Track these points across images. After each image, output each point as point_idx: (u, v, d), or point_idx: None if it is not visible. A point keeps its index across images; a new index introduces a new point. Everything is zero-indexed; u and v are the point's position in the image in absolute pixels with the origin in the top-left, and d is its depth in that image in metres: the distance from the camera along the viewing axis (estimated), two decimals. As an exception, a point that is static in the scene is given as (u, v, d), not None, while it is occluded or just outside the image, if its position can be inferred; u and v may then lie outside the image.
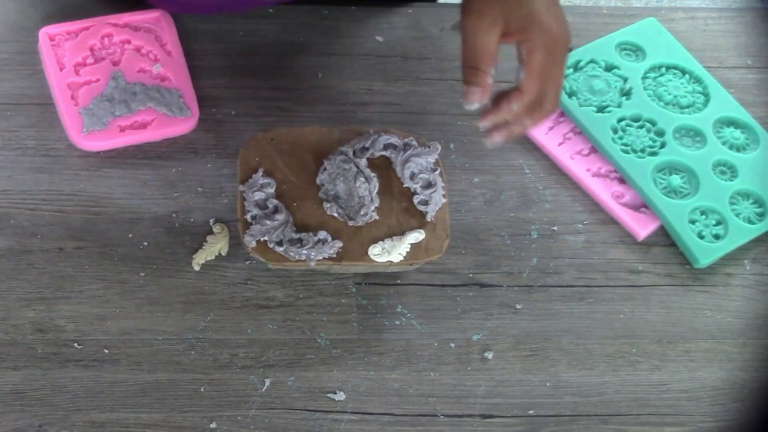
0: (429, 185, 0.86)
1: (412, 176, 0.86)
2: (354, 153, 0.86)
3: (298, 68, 0.98)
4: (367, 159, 0.86)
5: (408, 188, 0.86)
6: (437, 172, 0.87)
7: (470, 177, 0.93)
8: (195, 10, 0.96)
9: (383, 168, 0.87)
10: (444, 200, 0.86)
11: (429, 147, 0.87)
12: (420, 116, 0.96)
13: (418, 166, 0.86)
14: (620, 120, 0.97)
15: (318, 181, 0.85)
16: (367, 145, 0.87)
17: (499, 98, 0.80)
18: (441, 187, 0.86)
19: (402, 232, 0.84)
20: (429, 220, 0.85)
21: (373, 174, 0.85)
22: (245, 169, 0.85)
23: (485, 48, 0.77)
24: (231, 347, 0.82)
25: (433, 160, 0.87)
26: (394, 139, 0.87)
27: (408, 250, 0.83)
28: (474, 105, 0.79)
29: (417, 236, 0.84)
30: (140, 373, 0.80)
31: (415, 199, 0.86)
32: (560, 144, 0.96)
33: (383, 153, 0.87)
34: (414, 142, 0.88)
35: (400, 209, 0.85)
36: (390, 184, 0.86)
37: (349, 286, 0.86)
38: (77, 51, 0.93)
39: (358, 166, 0.85)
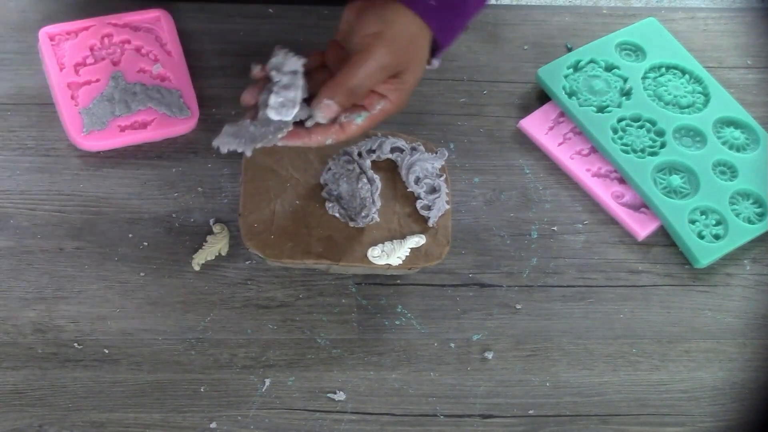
0: (433, 190, 0.86)
1: (417, 180, 0.86)
2: (360, 154, 0.86)
3: (298, 68, 0.98)
4: (374, 161, 0.86)
5: (412, 192, 0.86)
6: (442, 178, 0.87)
7: (470, 177, 0.93)
8: None
9: (389, 171, 0.87)
10: (447, 206, 0.86)
11: (436, 153, 0.88)
12: (420, 116, 0.96)
13: (424, 170, 0.86)
14: (620, 120, 0.97)
15: (322, 181, 0.85)
16: (374, 147, 0.87)
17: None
18: (445, 193, 0.86)
19: (403, 236, 0.84)
20: (431, 225, 0.85)
21: (376, 176, 0.85)
22: (250, 166, 0.85)
23: (370, 85, 0.74)
24: (231, 347, 0.82)
25: (440, 166, 0.87)
26: (401, 143, 0.87)
27: (407, 254, 0.83)
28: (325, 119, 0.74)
29: (418, 241, 0.84)
30: (140, 373, 0.80)
31: (419, 204, 0.86)
32: (560, 144, 0.96)
33: (389, 156, 0.87)
34: (421, 147, 0.88)
35: (403, 213, 0.85)
36: (394, 188, 0.86)
37: (349, 286, 0.86)
38: (77, 51, 0.93)
39: (361, 167, 0.85)
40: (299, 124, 0.74)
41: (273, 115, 0.72)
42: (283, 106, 0.72)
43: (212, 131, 0.92)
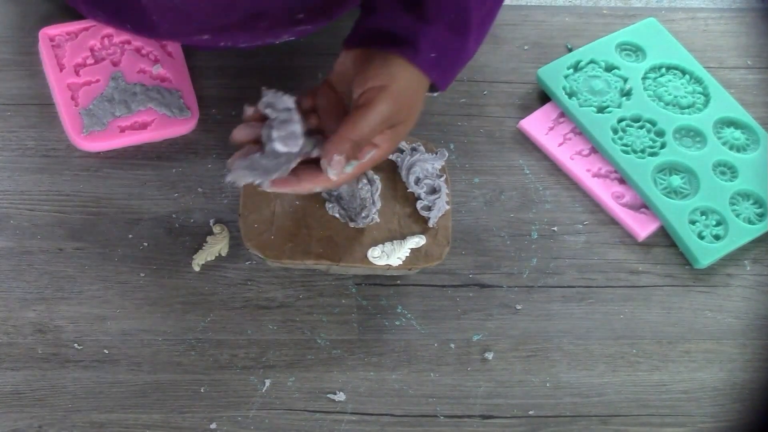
0: (433, 191, 0.86)
1: (417, 181, 0.86)
2: None
3: (298, 68, 0.98)
4: None
5: (412, 193, 0.86)
6: (443, 179, 0.87)
7: (470, 177, 0.93)
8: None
9: (389, 171, 0.87)
10: (447, 207, 0.86)
11: (436, 153, 0.87)
12: (420, 116, 0.96)
13: (424, 171, 0.86)
14: (620, 120, 0.97)
15: (321, 181, 0.85)
16: None
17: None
18: (445, 194, 0.86)
19: (403, 237, 0.84)
20: (431, 226, 0.85)
21: (376, 176, 0.85)
22: None
23: (372, 138, 0.74)
24: (231, 348, 0.82)
25: (440, 166, 0.87)
26: (401, 143, 0.87)
27: (408, 255, 0.83)
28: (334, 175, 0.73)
29: (418, 241, 0.84)
30: (140, 374, 0.80)
31: (419, 204, 0.85)
32: (560, 144, 0.96)
33: (389, 156, 0.87)
34: (421, 148, 0.87)
35: (403, 213, 0.85)
36: (395, 188, 0.86)
37: (349, 287, 0.86)
38: (77, 51, 0.93)
39: (361, 168, 0.85)
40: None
41: (280, 147, 0.73)
42: (288, 138, 0.73)
43: (212, 131, 0.92)
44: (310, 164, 0.74)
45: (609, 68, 1.00)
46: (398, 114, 0.74)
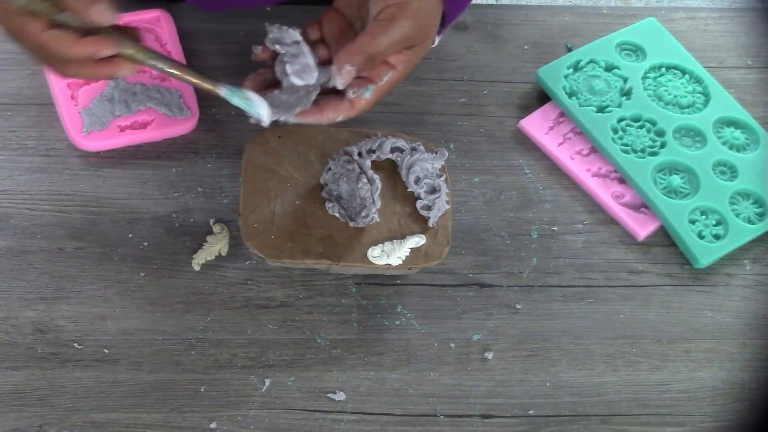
0: (433, 190, 0.86)
1: (417, 181, 0.86)
2: (360, 154, 0.86)
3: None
4: (374, 161, 0.86)
5: (412, 192, 0.86)
6: (443, 178, 0.87)
7: (470, 177, 0.93)
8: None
9: (389, 171, 0.87)
10: (447, 206, 0.86)
11: (436, 153, 0.87)
12: (420, 116, 0.96)
13: (424, 170, 0.86)
14: (620, 120, 0.97)
15: (322, 181, 0.85)
16: (374, 147, 0.87)
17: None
18: (445, 193, 0.86)
19: (403, 236, 0.84)
20: (431, 225, 0.85)
21: (376, 176, 0.84)
22: (250, 166, 0.85)
23: (388, 55, 0.74)
24: (231, 347, 0.82)
25: (440, 166, 0.87)
26: (401, 143, 0.87)
27: (407, 254, 0.83)
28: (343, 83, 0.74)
29: (418, 241, 0.84)
30: (140, 374, 0.80)
31: (419, 204, 0.85)
32: (560, 144, 0.96)
33: (389, 156, 0.87)
34: (421, 147, 0.87)
35: (403, 213, 0.85)
36: (395, 188, 0.86)
37: (349, 286, 0.86)
38: (77, 51, 0.93)
39: (361, 167, 0.84)
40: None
41: (297, 81, 0.73)
42: (302, 71, 0.74)
43: (212, 131, 0.92)
44: (331, 94, 0.75)
45: (609, 68, 1.00)
46: (417, 33, 0.74)
